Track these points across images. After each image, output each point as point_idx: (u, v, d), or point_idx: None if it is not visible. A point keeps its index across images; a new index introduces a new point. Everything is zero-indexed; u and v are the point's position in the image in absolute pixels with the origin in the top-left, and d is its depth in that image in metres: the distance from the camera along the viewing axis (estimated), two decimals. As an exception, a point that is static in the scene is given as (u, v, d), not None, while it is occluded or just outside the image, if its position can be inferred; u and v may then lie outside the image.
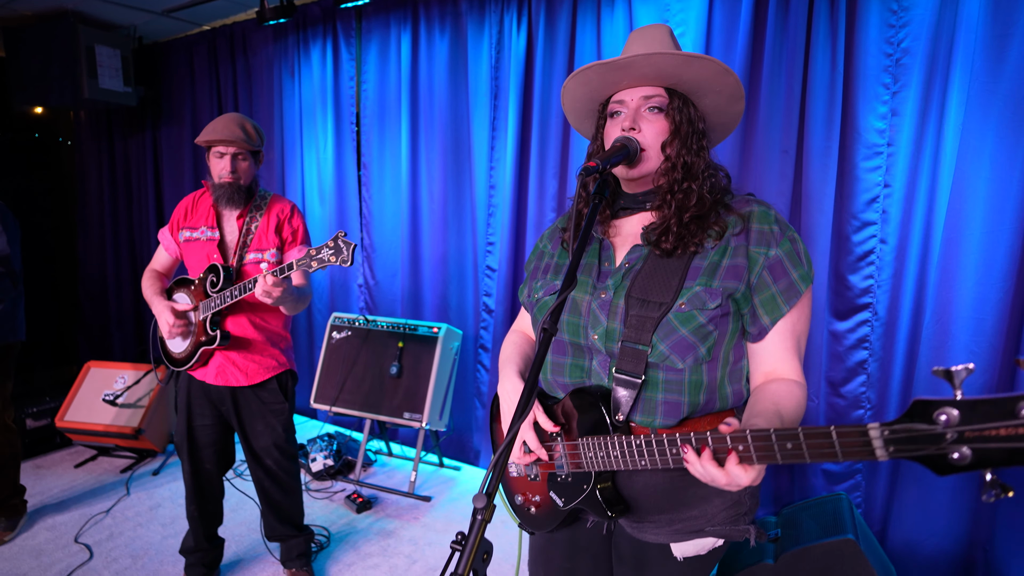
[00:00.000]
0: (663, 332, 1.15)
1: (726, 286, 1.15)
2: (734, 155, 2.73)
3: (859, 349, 2.60)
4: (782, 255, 1.15)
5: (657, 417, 1.19)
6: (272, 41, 4.30)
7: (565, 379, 1.29)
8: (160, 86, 5.02)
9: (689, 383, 1.17)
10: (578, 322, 1.25)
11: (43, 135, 5.76)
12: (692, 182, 1.18)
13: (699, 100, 1.21)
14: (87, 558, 2.77)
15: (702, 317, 1.14)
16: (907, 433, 0.79)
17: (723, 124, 1.27)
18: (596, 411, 1.20)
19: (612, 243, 1.28)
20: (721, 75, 1.16)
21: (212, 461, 2.38)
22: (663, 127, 1.19)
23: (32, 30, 4.24)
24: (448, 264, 3.78)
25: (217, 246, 2.26)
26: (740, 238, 1.17)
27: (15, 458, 2.99)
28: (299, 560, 2.54)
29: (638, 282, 1.20)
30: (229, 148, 2.18)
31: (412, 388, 3.34)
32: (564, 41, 3.16)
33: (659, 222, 1.20)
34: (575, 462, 1.23)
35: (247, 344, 2.28)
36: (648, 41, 1.19)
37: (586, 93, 1.27)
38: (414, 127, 3.76)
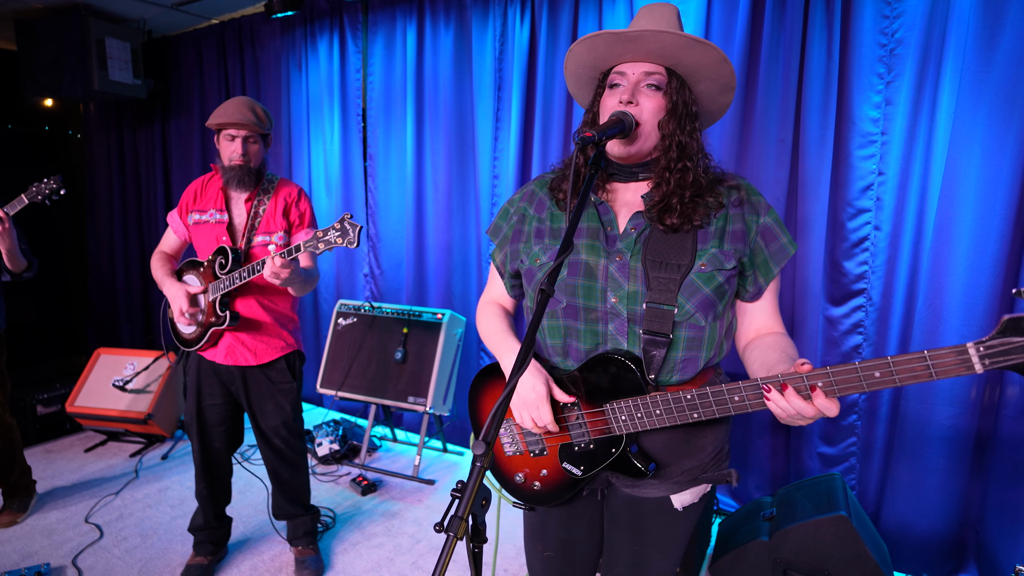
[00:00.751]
0: (688, 292, 1.22)
1: (736, 248, 1.24)
2: (732, 143, 2.79)
3: (854, 334, 2.66)
4: (771, 222, 1.27)
5: (675, 374, 1.26)
6: (280, 34, 4.38)
7: (580, 344, 1.31)
8: (169, 79, 5.10)
9: (708, 339, 1.26)
10: (594, 285, 1.27)
11: (53, 128, 5.85)
12: (687, 161, 1.23)
13: (694, 85, 1.26)
14: (97, 537, 2.86)
15: (720, 277, 1.23)
16: (1003, 347, 0.91)
17: (710, 112, 1.33)
18: (625, 374, 1.24)
19: (612, 208, 1.31)
20: (720, 63, 1.21)
21: (221, 440, 2.45)
22: (660, 104, 1.23)
23: (43, 23, 4.32)
24: (452, 253, 3.85)
25: (226, 228, 2.32)
26: (737, 208, 1.26)
27: (18, 447, 3.01)
28: (305, 538, 2.62)
29: (652, 245, 1.25)
30: (240, 131, 2.24)
31: (416, 373, 3.41)
32: (566, 34, 3.23)
33: (659, 199, 1.25)
34: (600, 428, 1.27)
35: (256, 325, 2.34)
36: (657, 18, 1.23)
37: (591, 60, 1.30)
38: (419, 118, 3.83)
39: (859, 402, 2.70)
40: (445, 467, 3.62)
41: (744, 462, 2.99)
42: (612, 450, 1.28)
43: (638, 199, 1.30)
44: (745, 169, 2.80)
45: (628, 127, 1.20)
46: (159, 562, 2.65)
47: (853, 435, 2.73)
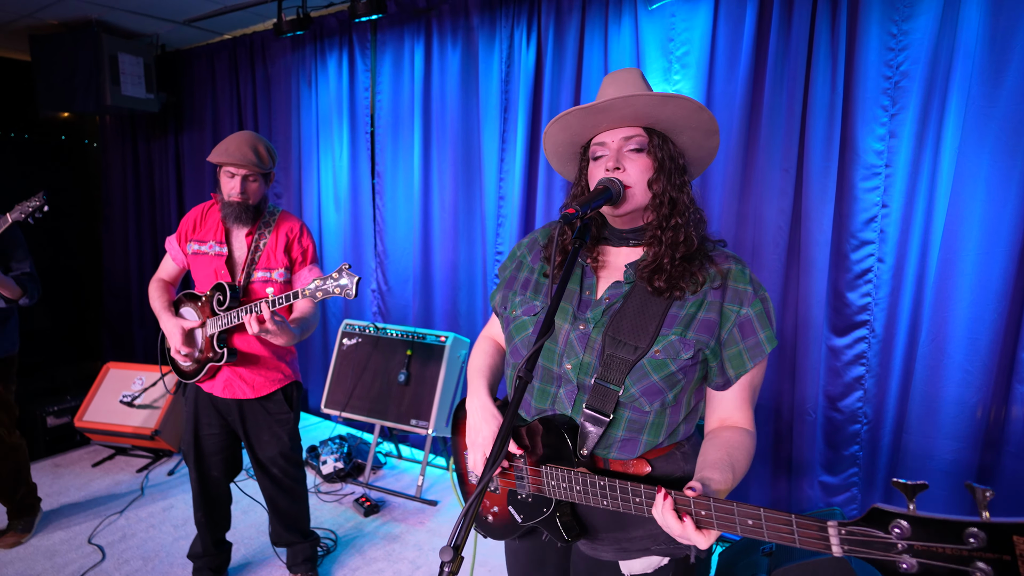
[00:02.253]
0: (636, 376, 1.22)
1: (699, 339, 1.22)
2: (736, 173, 2.80)
3: (856, 365, 2.65)
4: (753, 315, 1.23)
5: (613, 451, 1.27)
6: (290, 51, 4.44)
7: (532, 400, 1.36)
8: (182, 92, 5.18)
9: (651, 424, 1.26)
10: (554, 349, 1.31)
11: (69, 137, 5.96)
12: (679, 217, 1.24)
13: (677, 137, 1.27)
14: (99, 559, 2.89)
15: (674, 366, 1.21)
16: (863, 536, 0.88)
17: (700, 159, 1.34)
18: (562, 443, 1.26)
19: (596, 272, 1.34)
20: (696, 112, 1.22)
21: (219, 469, 2.47)
22: (646, 164, 1.24)
23: (58, 38, 4.41)
24: (458, 272, 3.87)
25: (225, 262, 2.32)
26: (716, 293, 1.24)
27: (21, 468, 3.04)
28: (304, 565, 2.65)
29: (616, 321, 1.26)
30: (240, 170, 2.25)
31: (419, 395, 3.44)
32: (572, 56, 3.24)
33: (651, 260, 1.25)
34: (537, 485, 1.30)
35: (254, 359, 2.36)
36: (622, 84, 1.26)
37: (567, 137, 1.33)
38: (426, 138, 3.87)
39: (861, 432, 2.69)
40: (448, 486, 3.64)
41: (743, 489, 2.98)
42: (544, 509, 1.31)
43: (622, 267, 1.31)
44: (749, 198, 2.80)
45: (616, 194, 1.21)
46: (160, 585, 2.69)
47: (855, 465, 2.72)
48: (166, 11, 4.26)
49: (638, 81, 1.27)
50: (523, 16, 3.37)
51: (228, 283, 2.26)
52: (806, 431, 2.77)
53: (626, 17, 3.05)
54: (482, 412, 1.37)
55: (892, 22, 2.42)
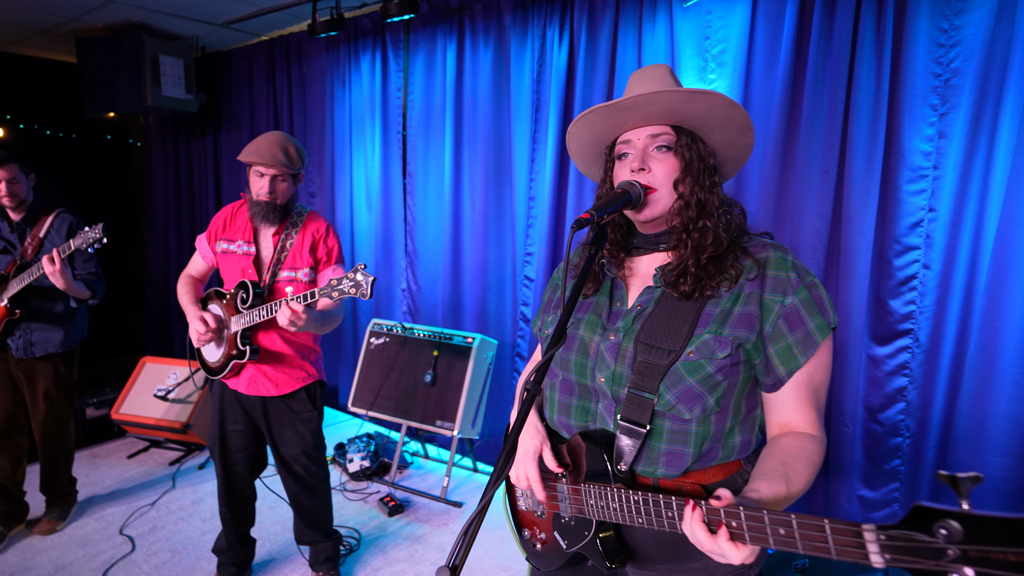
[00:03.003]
0: (670, 381, 1.12)
1: (736, 335, 1.11)
2: (772, 175, 2.67)
3: (899, 376, 2.51)
4: (798, 303, 1.11)
5: (660, 467, 1.17)
6: (325, 51, 4.44)
7: (571, 420, 1.27)
8: (221, 93, 5.23)
9: (695, 434, 1.15)
10: (586, 363, 1.23)
11: (114, 137, 6.09)
12: (707, 219, 1.15)
13: (707, 135, 1.19)
14: (129, 550, 2.91)
15: (710, 367, 1.11)
16: (907, 542, 0.74)
17: (734, 158, 1.25)
18: (599, 458, 1.18)
19: (625, 283, 1.26)
20: (727, 108, 1.13)
21: (244, 465, 2.47)
22: (673, 165, 1.16)
23: (102, 41, 4.49)
24: (488, 272, 3.82)
25: (252, 262, 2.32)
26: (754, 284, 1.13)
27: (70, 456, 3.16)
28: (327, 564, 2.62)
29: (648, 326, 1.17)
30: (269, 170, 2.24)
31: (445, 396, 3.39)
32: (605, 55, 3.16)
33: (676, 262, 1.17)
34: (577, 506, 1.22)
35: (278, 357, 2.34)
36: (649, 81, 1.18)
37: (592, 137, 1.25)
38: (458, 137, 3.82)
39: (903, 446, 2.54)
40: (474, 488, 3.59)
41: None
42: (585, 533, 1.22)
43: (653, 271, 1.23)
44: (786, 201, 2.67)
45: (636, 197, 1.13)
46: (186, 579, 2.69)
47: (896, 480, 2.58)
48: (205, 13, 4.30)
49: (666, 77, 1.19)
50: (555, 15, 3.29)
51: (252, 281, 2.25)
52: (844, 443, 2.64)
53: (661, 15, 2.95)
54: (527, 425, 1.30)
55: (943, 17, 2.27)
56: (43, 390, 2.92)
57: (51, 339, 2.88)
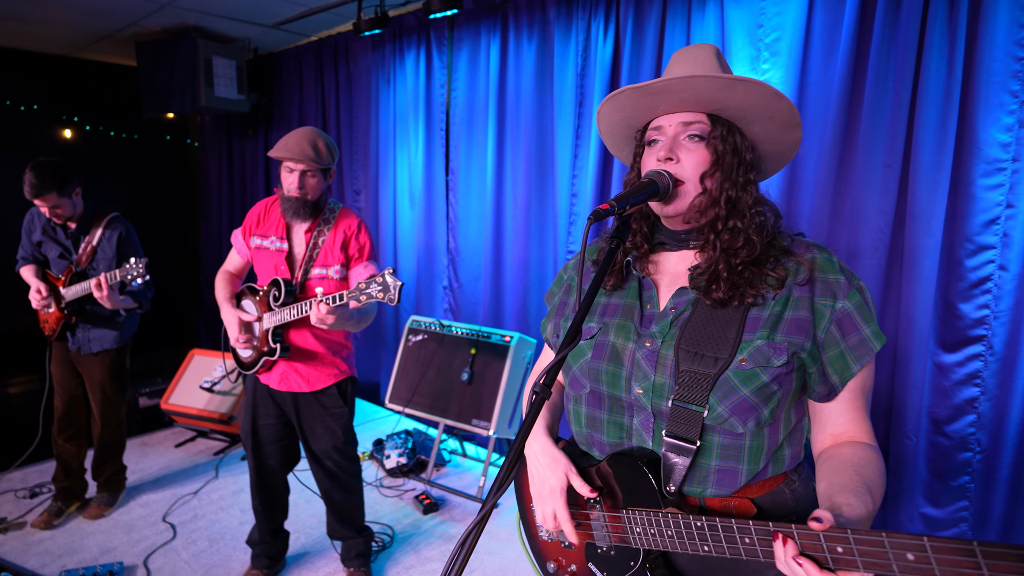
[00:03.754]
0: (721, 392, 1.00)
1: (791, 341, 0.99)
2: (830, 170, 2.47)
3: (969, 385, 2.28)
4: (851, 308, 1.00)
5: (709, 487, 1.04)
6: (371, 50, 4.41)
7: (602, 437, 1.14)
8: (272, 93, 5.27)
9: (749, 448, 1.02)
10: (619, 372, 1.09)
11: (173, 137, 6.23)
12: (738, 220, 1.03)
13: (747, 127, 1.06)
14: (170, 537, 2.92)
15: (765, 375, 0.99)
16: None
17: (778, 153, 1.11)
18: (643, 480, 1.04)
19: (654, 282, 1.13)
20: (771, 100, 1.00)
21: (275, 458, 2.43)
22: (703, 157, 1.04)
23: (159, 44, 4.57)
24: (529, 270, 3.71)
25: (285, 258, 2.28)
26: (804, 289, 1.02)
27: (121, 445, 3.21)
28: (358, 560, 2.55)
29: (689, 331, 1.04)
30: (298, 165, 2.18)
31: (482, 395, 3.29)
32: (652, 47, 3.00)
33: (705, 265, 1.05)
34: (619, 535, 1.08)
35: (310, 354, 2.30)
36: (691, 62, 1.06)
37: (622, 119, 1.13)
38: (500, 133, 3.72)
39: (973, 462, 2.31)
40: (510, 489, 3.47)
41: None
42: (631, 563, 1.08)
43: (686, 271, 1.10)
44: (844, 199, 2.46)
45: (664, 188, 1.01)
46: (220, 570, 2.66)
47: (965, 498, 2.34)
48: (256, 15, 4.32)
49: (710, 60, 1.06)
50: (601, 7, 3.15)
51: (284, 280, 2.22)
52: (906, 456, 2.41)
53: (711, 3, 2.77)
54: (543, 457, 1.15)
55: (1026, -5, 2.05)
56: (99, 382, 2.99)
57: (106, 336, 2.95)
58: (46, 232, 2.88)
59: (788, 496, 1.07)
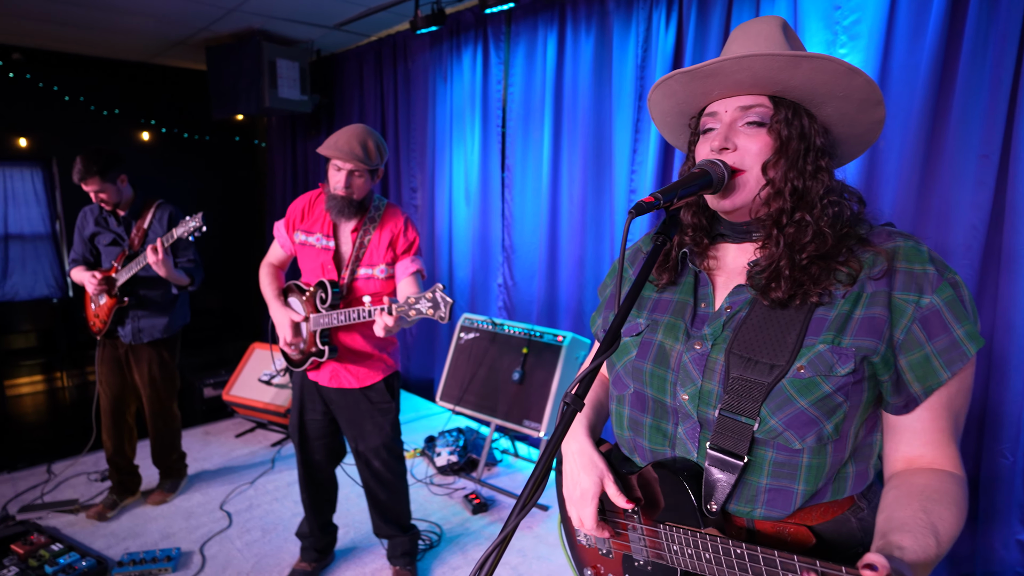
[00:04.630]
0: (775, 403, 0.86)
1: (861, 345, 0.84)
2: (915, 161, 2.23)
3: (1076, 402, 2.00)
4: (941, 304, 0.83)
5: (758, 507, 0.90)
6: (428, 48, 4.35)
7: (644, 442, 1.02)
8: (333, 93, 5.31)
9: (808, 467, 0.87)
10: (664, 375, 0.97)
11: (242, 138, 6.39)
12: (806, 212, 0.89)
13: (818, 108, 0.91)
14: (226, 526, 2.93)
15: (828, 385, 0.84)
16: None
17: (856, 136, 0.95)
18: (683, 495, 0.92)
19: (712, 278, 1.00)
20: (843, 77, 0.85)
21: (321, 453, 2.39)
22: (765, 144, 0.90)
23: (226, 48, 4.66)
24: (585, 269, 3.56)
25: (332, 258, 2.22)
26: (881, 282, 0.86)
27: (176, 434, 3.22)
28: (403, 558, 2.48)
29: (743, 334, 0.91)
30: (346, 164, 2.10)
31: (534, 396, 3.17)
32: (717, 36, 2.81)
33: (765, 262, 0.92)
34: (656, 550, 0.96)
35: (359, 353, 2.26)
36: (751, 39, 0.91)
37: (674, 106, 1.00)
38: (557, 129, 3.60)
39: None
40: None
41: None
42: None
43: (745, 266, 0.96)
44: (932, 192, 2.22)
45: (718, 180, 0.88)
46: (272, 560, 2.64)
47: (1067, 525, 2.07)
48: (317, 16, 4.34)
49: (774, 34, 0.91)
50: (663, -5, 2.98)
51: (331, 281, 2.16)
52: (1000, 476, 2.15)
53: (782, -14, 2.57)
54: (580, 458, 1.04)
55: None
56: (149, 375, 3.00)
57: (156, 325, 2.95)
58: (98, 223, 2.90)
59: (855, 526, 0.92)
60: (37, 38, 4.82)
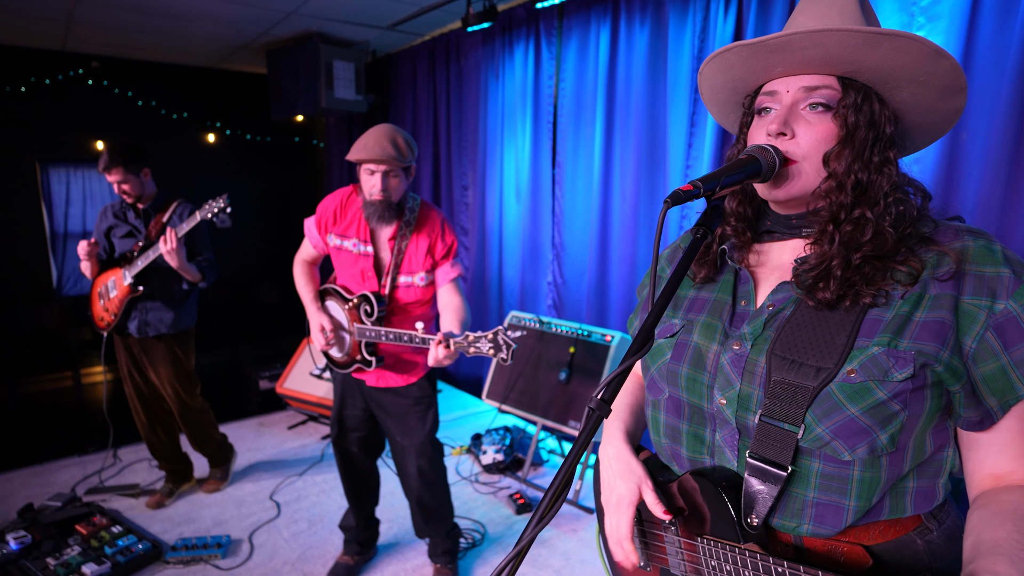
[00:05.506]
0: (822, 409, 0.76)
1: (921, 349, 0.74)
2: (1002, 151, 2.02)
3: None
4: (1019, 310, 0.74)
5: (805, 522, 0.80)
6: (480, 45, 4.32)
7: (681, 449, 0.94)
8: (388, 93, 5.35)
9: (860, 481, 0.77)
10: (700, 378, 0.89)
11: (301, 138, 6.53)
12: (867, 208, 0.79)
13: (891, 93, 0.80)
14: (275, 515, 2.96)
15: (882, 391, 0.74)
16: None
17: (929, 125, 0.84)
18: (721, 507, 0.83)
19: (754, 275, 0.90)
20: (927, 60, 0.74)
21: (357, 445, 2.37)
22: (828, 131, 0.80)
23: (285, 51, 4.75)
24: (636, 268, 3.45)
25: (372, 265, 2.17)
26: (947, 285, 0.76)
27: (204, 426, 3.16)
28: (444, 557, 2.44)
29: (787, 334, 0.82)
30: (380, 167, 2.03)
31: (580, 396, 3.07)
32: (780, 25, 2.64)
33: (815, 261, 0.82)
34: (693, 565, 0.88)
35: (403, 357, 2.23)
36: (821, 9, 0.80)
37: (728, 81, 0.89)
38: (609, 124, 3.49)
39: None
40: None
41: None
42: None
43: (791, 262, 0.86)
44: (1018, 191, 2.01)
45: (768, 167, 0.78)
46: (316, 551, 2.64)
47: None
48: (372, 17, 4.36)
49: (849, 6, 0.80)
50: (721, -18, 2.84)
51: (374, 294, 2.12)
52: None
53: (851, -34, 2.39)
54: (617, 464, 0.97)
55: None
56: (164, 376, 2.96)
57: (164, 319, 2.89)
58: (116, 216, 2.90)
59: (921, 549, 0.81)
60: (113, 47, 5.04)
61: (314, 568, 2.53)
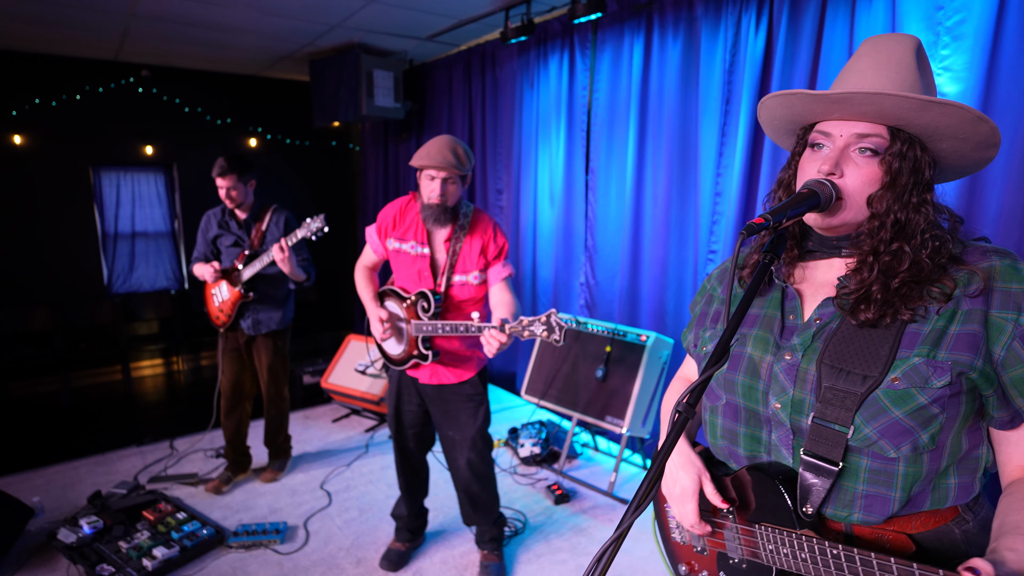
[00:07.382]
0: (869, 412, 0.88)
1: (957, 359, 0.85)
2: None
3: None
4: None
5: (855, 512, 0.92)
6: (516, 56, 4.47)
7: (738, 449, 1.06)
8: (425, 101, 5.52)
9: (904, 475, 0.89)
10: (756, 385, 1.00)
11: (338, 143, 6.74)
12: (905, 243, 0.89)
13: (933, 143, 0.91)
14: (326, 504, 3.15)
15: (923, 396, 0.86)
16: None
17: (960, 168, 0.95)
18: (778, 498, 0.96)
19: (799, 291, 1.02)
20: (970, 124, 0.85)
21: (414, 441, 2.54)
22: (873, 175, 0.90)
23: (328, 61, 4.94)
24: (668, 270, 3.57)
25: (428, 266, 2.33)
26: (977, 300, 0.86)
27: (286, 417, 3.49)
28: (491, 544, 2.60)
29: (834, 346, 0.93)
30: (440, 173, 2.20)
31: (616, 393, 3.22)
32: (809, 38, 2.76)
33: (855, 286, 0.92)
34: (751, 549, 1.01)
35: (457, 353, 2.38)
36: (882, 63, 0.90)
37: (787, 115, 1.00)
38: (641, 133, 3.62)
39: None
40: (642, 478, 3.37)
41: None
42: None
43: (834, 280, 0.97)
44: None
45: (825, 200, 0.89)
46: (368, 538, 2.82)
47: None
48: (413, 29, 4.53)
49: (907, 59, 0.90)
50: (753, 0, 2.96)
51: (431, 291, 2.27)
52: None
53: (880, -13, 2.50)
54: (678, 456, 1.11)
55: None
56: (267, 364, 3.27)
57: (272, 318, 3.22)
58: (221, 226, 3.19)
59: (958, 537, 0.92)
60: (162, 56, 5.28)
61: (367, 553, 2.70)
